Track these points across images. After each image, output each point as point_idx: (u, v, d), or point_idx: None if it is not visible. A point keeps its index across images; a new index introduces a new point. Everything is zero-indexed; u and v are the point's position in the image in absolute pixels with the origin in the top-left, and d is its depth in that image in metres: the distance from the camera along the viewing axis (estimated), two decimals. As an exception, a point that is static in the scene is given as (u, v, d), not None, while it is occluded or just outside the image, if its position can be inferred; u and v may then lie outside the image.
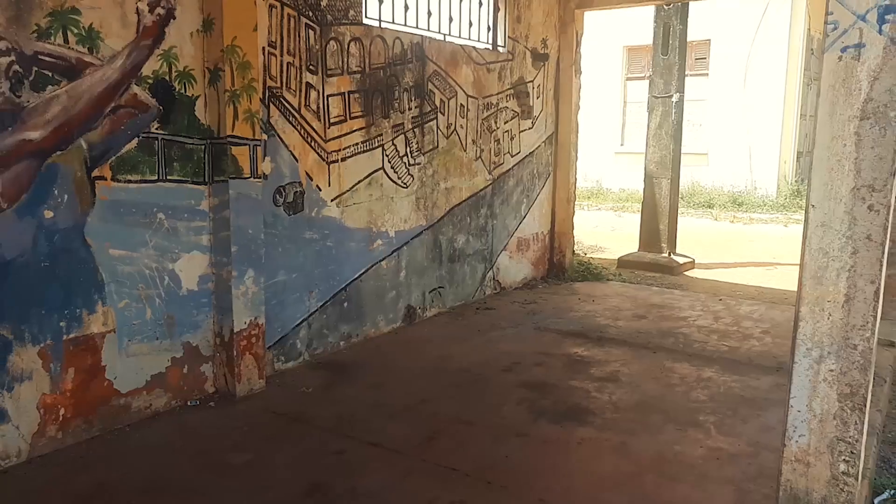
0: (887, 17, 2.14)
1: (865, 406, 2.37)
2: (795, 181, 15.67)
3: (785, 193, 15.34)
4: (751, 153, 15.75)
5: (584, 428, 3.82)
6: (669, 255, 8.44)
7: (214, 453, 3.47)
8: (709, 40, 15.42)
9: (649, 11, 9.46)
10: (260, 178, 4.15)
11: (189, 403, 4.02)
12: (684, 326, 5.89)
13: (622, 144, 17.30)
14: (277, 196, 4.44)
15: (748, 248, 10.17)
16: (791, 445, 2.46)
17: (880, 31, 2.14)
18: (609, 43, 16.29)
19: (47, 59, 3.22)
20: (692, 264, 8.60)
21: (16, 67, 3.10)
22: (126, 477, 3.23)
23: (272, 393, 4.26)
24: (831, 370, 2.35)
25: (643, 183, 8.76)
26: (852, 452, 2.38)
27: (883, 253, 2.26)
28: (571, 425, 3.85)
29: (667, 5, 8.12)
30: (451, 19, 5.93)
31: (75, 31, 3.31)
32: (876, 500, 3.30)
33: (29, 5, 3.13)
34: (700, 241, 10.20)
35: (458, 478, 3.24)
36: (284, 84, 4.40)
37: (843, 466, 2.40)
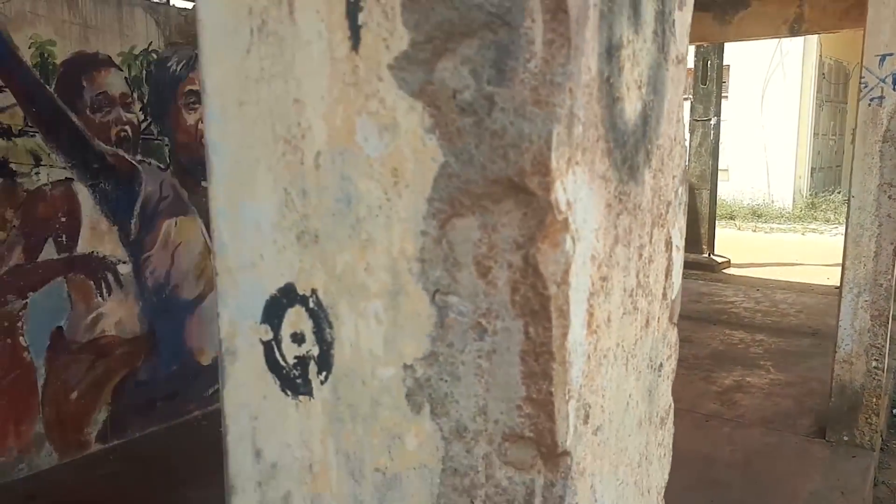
0: (898, 80, 3.53)
1: (888, 324, 3.71)
2: (810, 195, 17.00)
3: (800, 206, 16.63)
4: (768, 169, 17.10)
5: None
6: (709, 255, 9.81)
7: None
8: (728, 66, 16.83)
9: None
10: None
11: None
12: (732, 308, 7.24)
13: (648, 161, 18.70)
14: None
15: (773, 252, 11.51)
16: (840, 352, 3.80)
17: (894, 89, 3.53)
18: (636, 68, 17.73)
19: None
20: (728, 263, 9.96)
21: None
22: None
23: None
24: (866, 300, 3.70)
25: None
26: (880, 354, 3.72)
27: (898, 225, 3.62)
28: (666, 366, 5.19)
29: (706, 45, 9.55)
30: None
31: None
32: (894, 410, 4.63)
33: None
34: (730, 246, 11.55)
35: (597, 394, 4.59)
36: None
37: (874, 363, 3.74)
